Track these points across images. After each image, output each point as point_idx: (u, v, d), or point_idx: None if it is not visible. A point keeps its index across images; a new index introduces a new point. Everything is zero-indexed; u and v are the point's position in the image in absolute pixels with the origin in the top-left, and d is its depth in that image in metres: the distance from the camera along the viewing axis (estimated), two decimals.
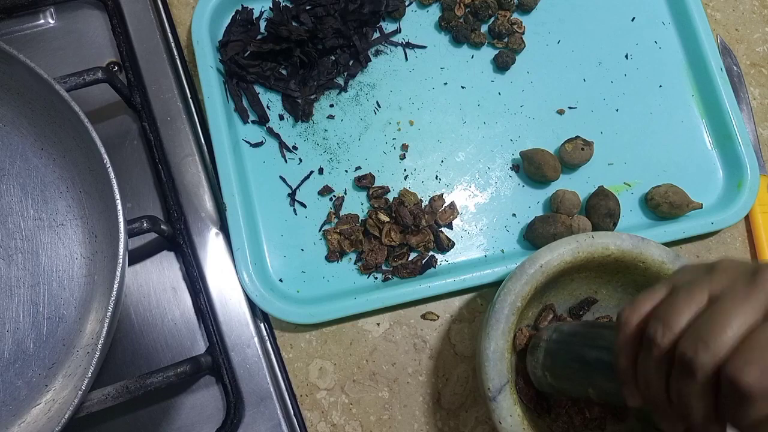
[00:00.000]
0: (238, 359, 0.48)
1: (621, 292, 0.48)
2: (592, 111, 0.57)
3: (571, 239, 0.44)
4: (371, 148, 0.54)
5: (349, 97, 0.56)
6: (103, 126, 0.53)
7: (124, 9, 0.54)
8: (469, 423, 0.49)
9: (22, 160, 0.47)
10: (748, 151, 0.54)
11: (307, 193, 0.53)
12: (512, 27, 0.57)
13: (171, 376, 0.44)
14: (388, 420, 0.49)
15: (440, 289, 0.49)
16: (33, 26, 0.55)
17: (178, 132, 0.53)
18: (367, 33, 0.56)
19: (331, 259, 0.51)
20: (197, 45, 0.53)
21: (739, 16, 0.62)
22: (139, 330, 0.49)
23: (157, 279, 0.50)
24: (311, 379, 0.49)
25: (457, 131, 0.55)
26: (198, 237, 0.51)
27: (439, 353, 0.51)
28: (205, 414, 0.48)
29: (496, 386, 0.41)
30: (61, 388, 0.43)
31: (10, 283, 0.46)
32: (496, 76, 0.57)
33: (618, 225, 0.52)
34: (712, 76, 0.56)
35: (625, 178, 0.55)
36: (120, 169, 0.51)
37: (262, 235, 0.52)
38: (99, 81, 0.47)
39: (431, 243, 0.51)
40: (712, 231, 0.54)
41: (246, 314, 0.49)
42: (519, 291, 0.42)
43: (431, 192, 0.54)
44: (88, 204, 0.47)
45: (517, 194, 0.54)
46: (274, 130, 0.54)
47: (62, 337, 0.45)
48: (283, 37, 0.53)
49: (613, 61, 0.58)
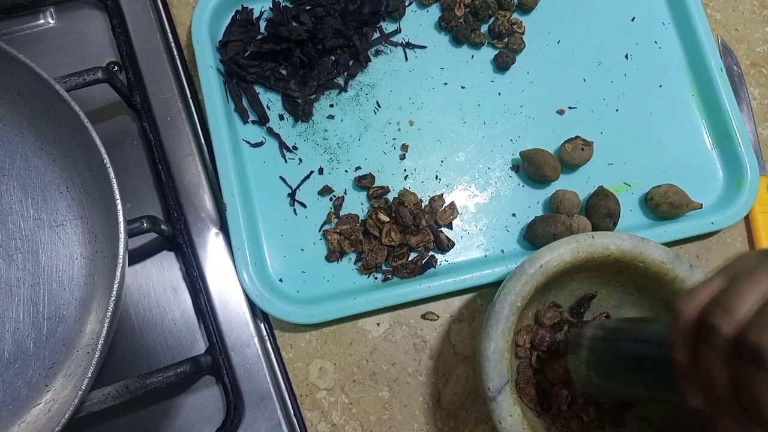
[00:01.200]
0: (238, 359, 0.48)
1: (621, 292, 0.48)
2: (592, 111, 0.57)
3: (571, 239, 0.44)
4: (371, 148, 0.54)
5: (349, 97, 0.56)
6: (103, 126, 0.53)
7: (124, 9, 0.55)
8: (469, 423, 0.49)
9: (22, 160, 0.47)
10: (748, 151, 0.54)
11: (307, 193, 0.53)
12: (512, 27, 0.57)
13: (171, 376, 0.44)
14: (388, 420, 0.49)
15: (440, 289, 0.49)
16: (33, 26, 0.55)
17: (178, 132, 0.53)
18: (367, 33, 0.56)
19: (331, 259, 0.51)
20: (197, 45, 0.53)
21: (739, 16, 0.62)
22: (139, 330, 0.49)
23: (157, 279, 0.50)
24: (311, 379, 0.49)
25: (457, 131, 0.55)
26: (198, 237, 0.51)
27: (439, 353, 0.51)
28: (205, 414, 0.48)
29: (496, 386, 0.41)
30: (61, 388, 0.43)
31: (10, 283, 0.46)
32: (496, 76, 0.57)
33: (618, 225, 0.52)
34: (712, 76, 0.56)
35: (625, 178, 0.55)
36: (120, 169, 0.51)
37: (262, 235, 0.52)
38: (99, 81, 0.47)
39: (431, 243, 0.51)
40: (712, 231, 0.54)
41: (246, 314, 0.49)
42: (519, 291, 0.42)
43: (431, 192, 0.54)
44: (88, 204, 0.47)
45: (517, 194, 0.54)
46: (274, 130, 0.54)
47: (62, 337, 0.45)
48: (283, 37, 0.53)
49: (613, 61, 0.58)
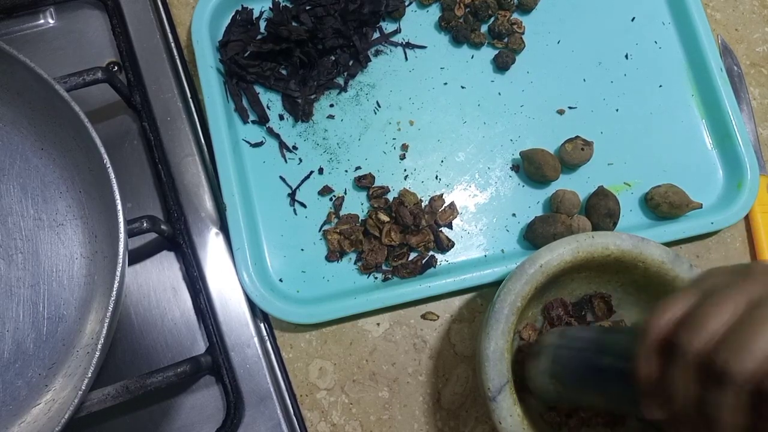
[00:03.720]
0: (238, 359, 0.48)
1: (621, 292, 0.48)
2: (592, 111, 0.57)
3: (571, 239, 0.44)
4: (371, 148, 0.54)
5: (349, 97, 0.56)
6: (103, 126, 0.53)
7: (124, 9, 0.54)
8: (469, 423, 0.49)
9: (22, 160, 0.47)
10: (748, 151, 0.54)
11: (307, 193, 0.53)
12: (512, 27, 0.57)
13: (171, 376, 0.44)
14: (388, 420, 0.49)
15: (440, 289, 0.49)
16: (33, 26, 0.55)
17: (178, 132, 0.53)
18: (367, 33, 0.56)
19: (331, 259, 0.51)
20: (197, 45, 0.53)
21: (739, 16, 0.62)
22: (139, 330, 0.49)
23: (157, 279, 0.50)
24: (311, 379, 0.49)
25: (457, 131, 0.55)
26: (198, 237, 0.51)
27: (439, 353, 0.51)
28: (205, 414, 0.48)
29: (496, 386, 0.41)
30: (61, 388, 0.43)
31: (10, 283, 0.46)
32: (496, 76, 0.57)
33: (618, 225, 0.52)
34: (712, 76, 0.56)
35: (625, 178, 0.55)
36: (120, 169, 0.51)
37: (262, 235, 0.52)
38: (99, 81, 0.47)
39: (431, 243, 0.51)
40: (711, 231, 0.54)
41: (246, 314, 0.49)
42: (519, 291, 0.42)
43: (431, 192, 0.54)
44: (88, 204, 0.47)
45: (517, 194, 0.54)
46: (274, 130, 0.54)
47: (62, 337, 0.45)
48: (283, 37, 0.53)
49: (613, 61, 0.58)
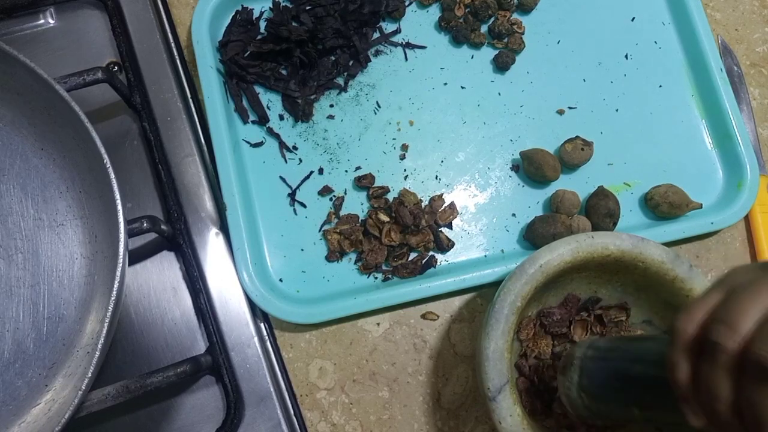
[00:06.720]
0: (238, 359, 0.48)
1: (621, 292, 0.48)
2: (592, 111, 0.57)
3: (571, 239, 0.44)
4: (371, 148, 0.54)
5: (349, 97, 0.56)
6: (103, 126, 0.53)
7: (124, 9, 0.55)
8: (469, 423, 0.49)
9: (22, 160, 0.47)
10: (748, 151, 0.54)
11: (307, 193, 0.53)
12: (512, 27, 0.57)
13: (171, 376, 0.44)
14: (388, 420, 0.49)
15: (440, 289, 0.49)
16: (33, 26, 0.55)
17: (178, 132, 0.53)
18: (367, 33, 0.56)
19: (331, 259, 0.51)
20: (197, 45, 0.53)
21: (739, 16, 0.62)
22: (139, 330, 0.49)
23: (157, 279, 0.50)
24: (311, 379, 0.49)
25: (457, 131, 0.55)
26: (198, 237, 0.51)
27: (439, 353, 0.51)
28: (205, 414, 0.48)
29: (496, 386, 0.41)
30: (61, 388, 0.43)
31: (10, 283, 0.46)
32: (496, 76, 0.57)
33: (618, 225, 0.52)
34: (712, 76, 0.56)
35: (625, 178, 0.55)
36: (120, 169, 0.51)
37: (262, 235, 0.52)
38: (99, 81, 0.47)
39: (431, 243, 0.51)
40: (711, 231, 0.54)
41: (246, 314, 0.49)
42: (519, 291, 0.42)
43: (431, 192, 0.54)
44: (88, 204, 0.47)
45: (517, 194, 0.54)
46: (274, 130, 0.54)
47: (62, 337, 0.45)
48: (283, 37, 0.53)
49: (613, 61, 0.58)
